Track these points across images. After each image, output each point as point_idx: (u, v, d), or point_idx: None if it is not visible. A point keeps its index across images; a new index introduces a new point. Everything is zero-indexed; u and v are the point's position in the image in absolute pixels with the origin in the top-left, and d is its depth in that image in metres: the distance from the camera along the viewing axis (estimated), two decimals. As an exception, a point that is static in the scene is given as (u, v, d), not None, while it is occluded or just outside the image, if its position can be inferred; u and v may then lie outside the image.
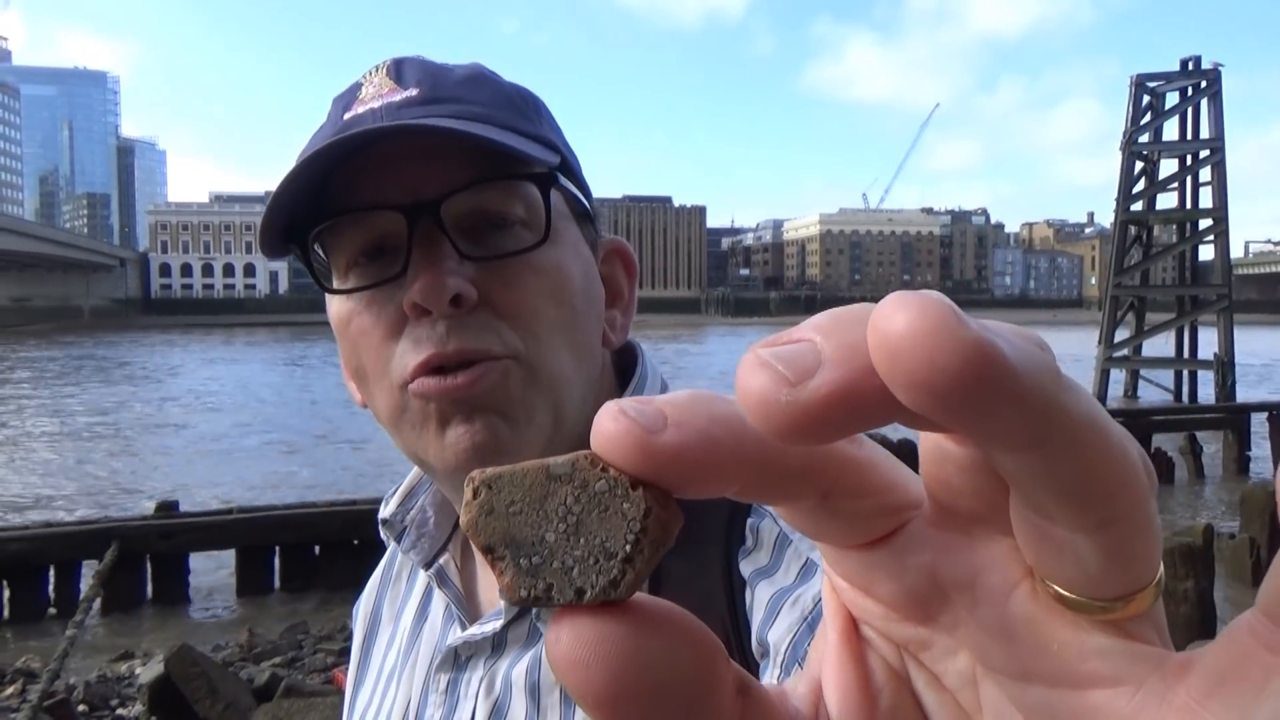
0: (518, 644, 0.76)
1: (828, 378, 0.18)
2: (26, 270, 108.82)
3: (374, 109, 0.73)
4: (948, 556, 0.21)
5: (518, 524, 0.21)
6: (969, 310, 0.16)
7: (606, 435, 0.20)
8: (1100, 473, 0.18)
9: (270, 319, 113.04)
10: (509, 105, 0.76)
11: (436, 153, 0.71)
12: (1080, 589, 0.19)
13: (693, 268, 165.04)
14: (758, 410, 0.18)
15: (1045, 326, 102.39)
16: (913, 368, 0.16)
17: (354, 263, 0.74)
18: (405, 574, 0.92)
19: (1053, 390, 0.17)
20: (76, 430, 21.59)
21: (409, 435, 0.74)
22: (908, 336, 0.16)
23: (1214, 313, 25.08)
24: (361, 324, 0.74)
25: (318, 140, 0.74)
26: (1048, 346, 0.18)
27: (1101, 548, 0.19)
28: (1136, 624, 0.20)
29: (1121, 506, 0.18)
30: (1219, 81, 25.81)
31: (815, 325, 0.19)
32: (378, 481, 13.84)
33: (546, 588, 0.21)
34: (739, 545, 0.71)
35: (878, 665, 0.23)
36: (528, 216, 0.73)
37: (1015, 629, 0.20)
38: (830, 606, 0.24)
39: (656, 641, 0.20)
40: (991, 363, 0.16)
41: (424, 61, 0.76)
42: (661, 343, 57.01)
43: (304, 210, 0.73)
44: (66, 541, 8.76)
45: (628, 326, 0.85)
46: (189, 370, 41.93)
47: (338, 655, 6.98)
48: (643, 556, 0.21)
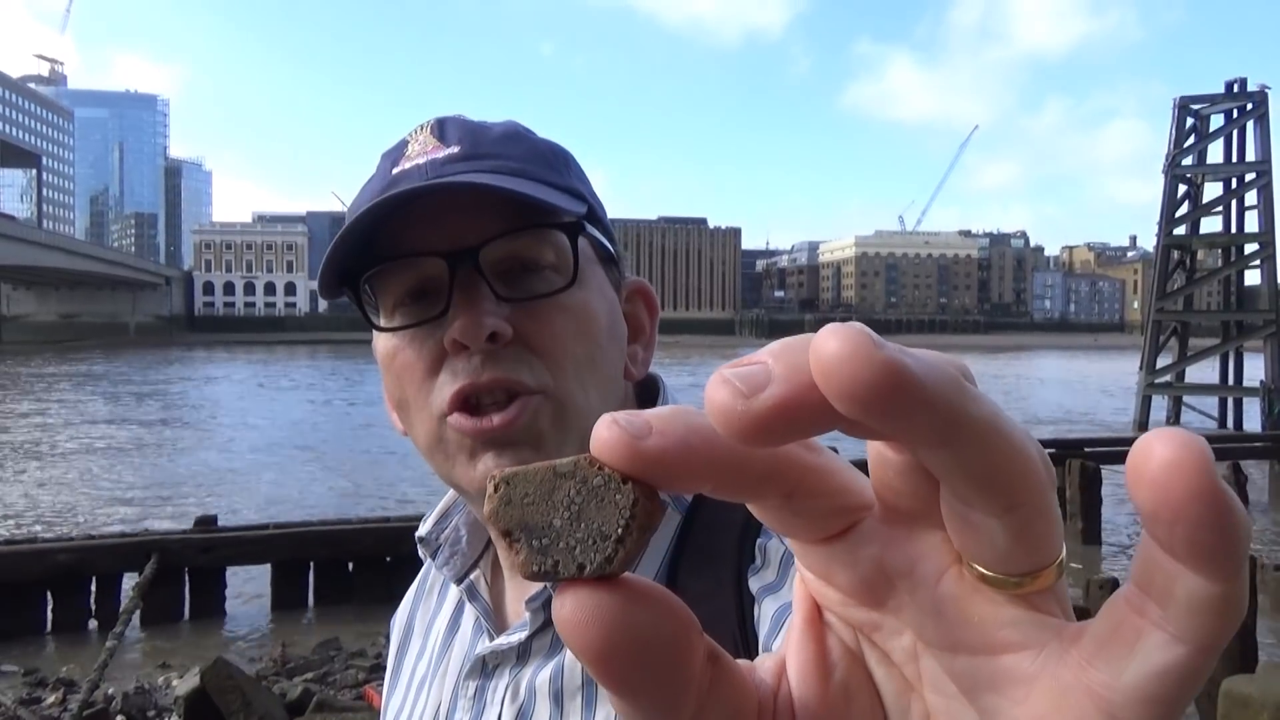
0: (541, 653, 0.82)
1: (775, 391, 0.22)
2: (77, 288, 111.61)
3: (419, 165, 0.80)
4: (892, 548, 0.25)
5: (530, 512, 0.26)
6: (1008, 333, 0.29)
7: (602, 440, 0.24)
8: (1004, 464, 0.22)
9: (310, 336, 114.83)
10: (541, 160, 0.83)
11: (475, 205, 0.78)
12: (996, 566, 0.23)
13: (727, 289, 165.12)
14: (719, 418, 0.22)
15: (1086, 350, 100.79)
16: (842, 382, 0.21)
17: (400, 303, 0.81)
18: (438, 589, 0.99)
19: (956, 397, 0.21)
20: (119, 444, 22.03)
21: (444, 463, 0.81)
22: (837, 358, 0.21)
23: (1260, 338, 24.59)
24: (405, 359, 0.80)
25: (368, 194, 0.82)
26: (961, 366, 0.23)
27: (1010, 529, 0.23)
28: (1042, 598, 0.24)
29: (1024, 493, 0.22)
30: (1266, 103, 25.44)
31: (768, 351, 0.23)
32: (412, 499, 13.97)
33: (554, 564, 0.25)
34: (749, 563, 0.76)
35: (835, 645, 0.27)
36: (557, 261, 0.80)
37: (945, 607, 0.24)
38: (798, 595, 0.28)
39: (641, 608, 0.24)
40: (901, 377, 0.21)
41: (464, 120, 0.84)
42: (693, 364, 57.02)
43: (356, 256, 0.80)
44: (109, 553, 8.93)
45: (649, 360, 0.92)
46: (230, 386, 42.63)
47: (369, 671, 7.04)
48: (632, 538, 0.25)
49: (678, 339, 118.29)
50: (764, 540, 0.76)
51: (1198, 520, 0.20)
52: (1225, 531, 0.20)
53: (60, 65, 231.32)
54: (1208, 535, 0.20)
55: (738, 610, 0.74)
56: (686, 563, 0.79)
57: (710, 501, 0.80)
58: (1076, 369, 58.87)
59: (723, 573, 0.77)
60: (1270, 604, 8.55)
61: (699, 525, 0.80)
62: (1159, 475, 0.20)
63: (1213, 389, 25.94)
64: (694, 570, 0.78)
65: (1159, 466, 0.20)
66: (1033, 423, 24.69)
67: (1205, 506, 0.20)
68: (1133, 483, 0.20)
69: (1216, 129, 26.11)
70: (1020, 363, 72.38)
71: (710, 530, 0.80)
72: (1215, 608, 0.21)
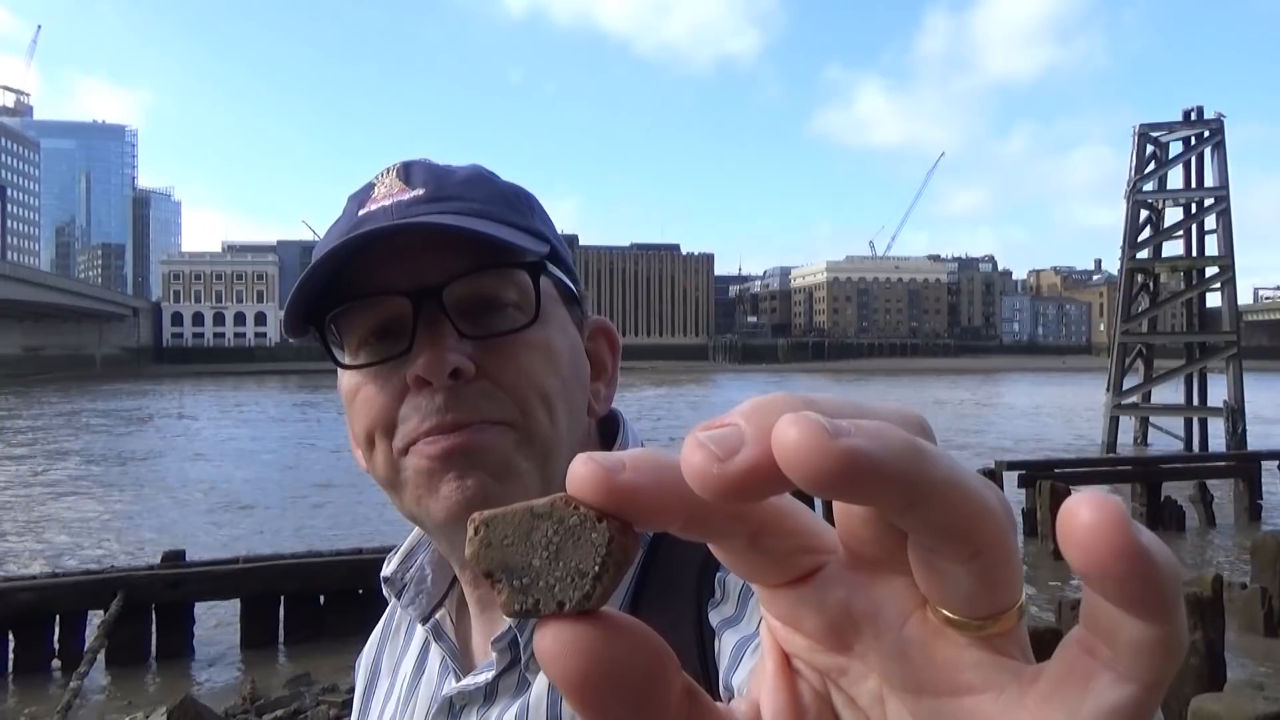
0: (508, 693, 0.82)
1: (748, 454, 0.23)
2: (41, 320, 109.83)
3: (385, 206, 0.82)
4: (858, 593, 0.26)
5: (510, 553, 0.27)
6: (978, 356, 0.29)
7: (578, 476, 0.25)
8: (965, 515, 0.23)
9: (280, 366, 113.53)
10: (504, 201, 0.85)
11: (439, 245, 0.79)
12: (961, 610, 0.25)
13: (700, 315, 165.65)
14: (695, 480, 0.24)
15: (1055, 373, 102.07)
16: (802, 471, 0.22)
17: (364, 342, 0.82)
18: (404, 629, 0.98)
19: (913, 465, 0.23)
20: (83, 478, 21.64)
21: (406, 496, 0.82)
22: (794, 449, 0.22)
23: (1223, 359, 25.04)
24: (368, 394, 0.82)
25: (334, 234, 0.83)
26: (918, 421, 0.25)
27: (974, 575, 0.24)
28: (1003, 641, 0.25)
29: (984, 540, 0.24)
30: (1222, 130, 26.08)
31: (740, 413, 0.25)
32: (383, 532, 13.83)
33: (535, 602, 0.26)
34: (709, 598, 0.77)
35: (805, 690, 0.28)
36: (520, 299, 0.82)
37: (909, 650, 0.25)
38: (766, 644, 0.29)
39: (618, 641, 0.25)
40: (856, 462, 0.22)
41: (429, 164, 0.86)
42: (671, 392, 57.07)
43: (320, 296, 0.81)
44: (73, 591, 8.76)
45: (611, 397, 0.93)
46: (198, 418, 42.07)
47: (341, 708, 6.93)
48: (609, 574, 0.26)
49: (653, 364, 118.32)
50: (723, 575, 0.77)
51: (1124, 575, 0.21)
52: (1150, 581, 0.22)
53: (26, 96, 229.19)
54: (1136, 587, 0.22)
55: (698, 644, 0.76)
56: (648, 597, 0.80)
57: (668, 538, 0.82)
58: (1047, 397, 59.32)
59: (683, 607, 0.78)
60: (1237, 623, 8.66)
61: (659, 561, 0.82)
62: (1084, 538, 0.22)
63: (1178, 410, 26.33)
64: (655, 604, 0.79)
65: (1083, 530, 0.22)
66: (1002, 451, 24.90)
67: (1128, 562, 0.21)
68: (1063, 546, 0.22)
69: (1176, 155, 26.70)
70: (989, 387, 73.00)
71: (670, 566, 0.81)
72: (1157, 648, 0.22)
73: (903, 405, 0.25)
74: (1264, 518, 15.44)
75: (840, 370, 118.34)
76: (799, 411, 0.23)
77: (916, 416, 0.25)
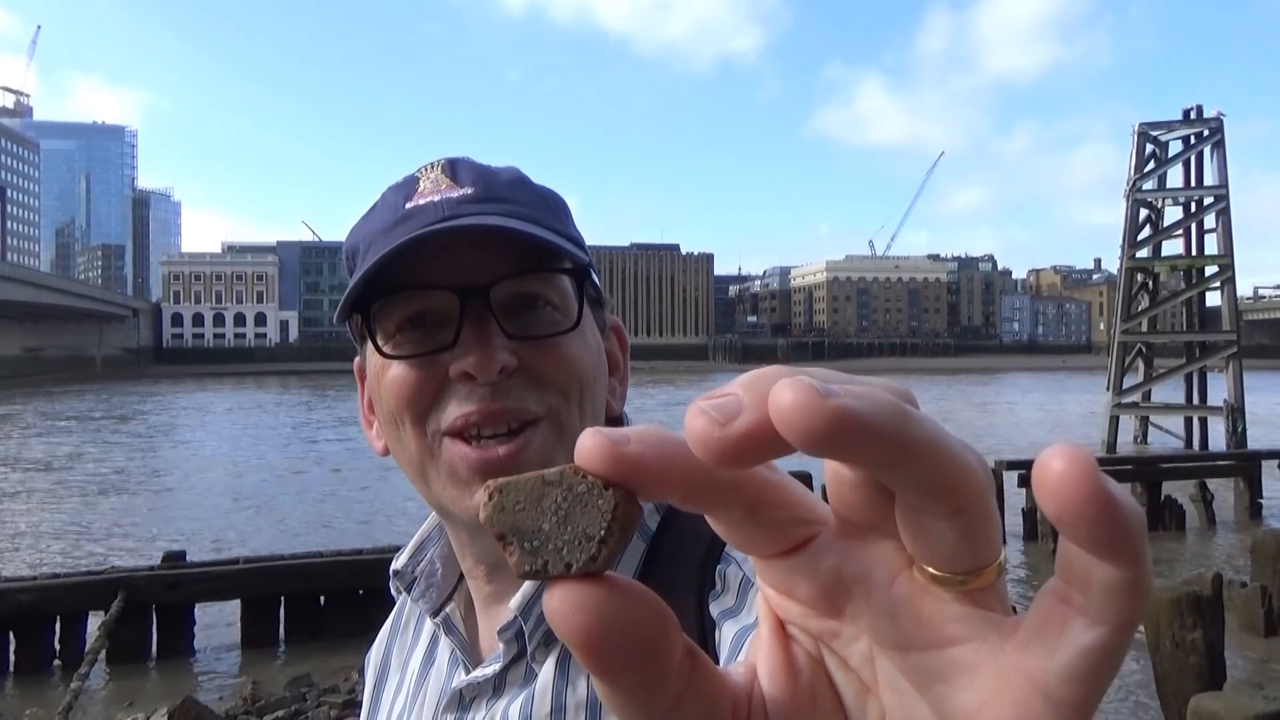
0: (516, 684, 0.84)
1: (746, 418, 0.25)
2: (41, 321, 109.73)
3: (434, 202, 0.85)
4: (849, 558, 0.28)
5: (522, 518, 0.29)
6: (978, 355, 0.27)
7: (586, 449, 0.27)
8: (948, 473, 0.25)
9: (280, 367, 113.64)
10: (545, 207, 0.89)
11: (487, 244, 0.83)
12: (944, 566, 0.27)
13: (700, 315, 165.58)
14: (697, 444, 0.26)
15: (1055, 372, 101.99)
16: (797, 430, 0.24)
17: (399, 328, 0.84)
18: (413, 623, 1.00)
19: (899, 424, 0.25)
20: (83, 479, 21.64)
21: (436, 483, 0.84)
22: (789, 409, 0.24)
23: (1223, 358, 25.03)
24: (400, 374, 0.84)
25: (378, 224, 0.86)
26: (902, 391, 0.27)
27: (957, 530, 0.26)
28: (984, 595, 0.27)
29: (966, 498, 0.26)
30: (1222, 129, 26.06)
31: (739, 383, 0.27)
32: (384, 531, 13.82)
33: (544, 564, 0.28)
34: (710, 590, 0.80)
35: (799, 653, 0.30)
36: (559, 302, 0.86)
37: (897, 608, 0.27)
38: (762, 611, 0.31)
39: (622, 600, 0.27)
40: (846, 420, 0.24)
41: (473, 163, 0.89)
42: (674, 390, 57.04)
43: (366, 284, 0.83)
44: (73, 592, 8.78)
45: (624, 395, 0.98)
46: (199, 418, 42.04)
47: (342, 708, 6.94)
48: (614, 539, 0.28)
49: (653, 365, 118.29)
50: (723, 567, 0.80)
51: (1094, 518, 0.23)
52: (1118, 524, 0.23)
53: (26, 97, 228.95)
54: (1105, 530, 0.23)
55: (699, 635, 0.78)
56: (651, 589, 0.81)
57: (672, 532, 0.85)
58: (1047, 396, 59.25)
59: (685, 599, 0.80)
60: (1237, 622, 8.65)
61: (662, 554, 0.84)
62: (1056, 486, 0.23)
63: (1178, 409, 26.33)
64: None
65: (1056, 479, 0.23)
66: (1002, 451, 24.89)
67: (1097, 506, 0.23)
68: (1038, 496, 0.24)
69: (1175, 154, 26.68)
70: (989, 387, 72.92)
71: (673, 559, 0.83)
72: (1125, 589, 0.24)
73: (889, 379, 0.27)
74: (1264, 517, 15.46)
75: (840, 370, 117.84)
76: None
77: (902, 387, 0.27)
